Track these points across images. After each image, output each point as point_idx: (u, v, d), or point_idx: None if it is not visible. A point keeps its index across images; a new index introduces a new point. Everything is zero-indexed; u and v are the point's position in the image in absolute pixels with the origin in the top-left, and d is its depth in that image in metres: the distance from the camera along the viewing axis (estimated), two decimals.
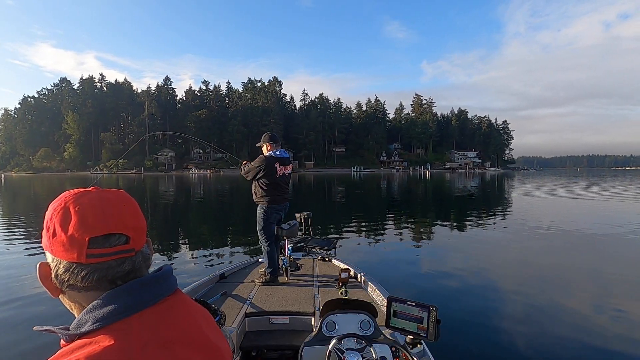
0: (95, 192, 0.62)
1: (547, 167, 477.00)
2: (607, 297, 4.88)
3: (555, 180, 46.98)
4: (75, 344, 0.54)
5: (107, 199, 0.61)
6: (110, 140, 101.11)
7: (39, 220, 12.42)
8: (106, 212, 0.59)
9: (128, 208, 0.63)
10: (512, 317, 4.26)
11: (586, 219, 11.95)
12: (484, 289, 5.33)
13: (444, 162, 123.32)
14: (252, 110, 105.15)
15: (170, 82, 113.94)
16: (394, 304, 1.94)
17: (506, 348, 3.52)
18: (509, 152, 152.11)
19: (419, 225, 11.22)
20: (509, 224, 11.32)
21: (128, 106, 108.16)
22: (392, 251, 7.87)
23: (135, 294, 0.59)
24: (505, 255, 7.56)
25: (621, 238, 8.91)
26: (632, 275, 5.88)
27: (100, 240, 0.58)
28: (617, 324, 4.06)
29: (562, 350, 3.46)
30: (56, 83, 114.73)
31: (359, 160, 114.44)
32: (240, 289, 3.43)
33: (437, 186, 34.52)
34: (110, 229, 0.59)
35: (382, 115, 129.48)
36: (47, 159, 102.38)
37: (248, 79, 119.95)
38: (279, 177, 3.82)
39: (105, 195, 0.62)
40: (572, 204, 17.25)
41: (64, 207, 0.59)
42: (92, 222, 0.58)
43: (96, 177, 60.88)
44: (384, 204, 19.07)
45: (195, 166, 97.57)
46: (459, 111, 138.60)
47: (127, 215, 0.62)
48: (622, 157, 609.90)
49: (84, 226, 0.57)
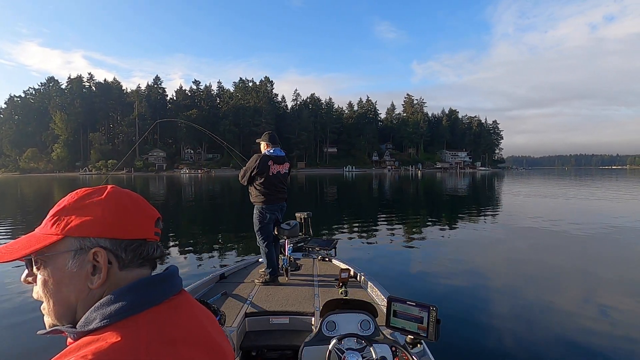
0: (122, 189, 0.68)
1: (536, 166, 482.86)
2: (607, 297, 4.90)
3: (545, 179, 47.63)
4: (82, 340, 0.55)
5: (129, 193, 0.68)
6: (100, 141, 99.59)
7: (26, 221, 12.21)
8: (141, 201, 0.68)
9: (145, 202, 0.69)
10: (513, 316, 4.28)
11: (579, 218, 12.12)
12: (484, 288, 5.35)
13: (435, 161, 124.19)
14: (244, 110, 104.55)
15: (161, 81, 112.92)
16: (394, 303, 1.94)
17: (506, 348, 3.53)
18: (499, 152, 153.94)
19: (418, 225, 11.24)
20: (506, 223, 11.40)
21: (117, 106, 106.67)
22: (392, 251, 7.90)
23: (142, 292, 0.60)
24: (505, 254, 7.58)
25: (619, 236, 9.09)
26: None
27: (157, 221, 0.68)
28: (617, 323, 4.10)
29: (562, 349, 3.49)
30: (43, 82, 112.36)
31: (351, 160, 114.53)
32: (240, 289, 3.42)
33: (429, 186, 34.74)
34: (155, 215, 0.68)
35: (373, 115, 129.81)
36: (35, 159, 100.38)
37: (239, 79, 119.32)
38: (273, 175, 3.79)
39: (121, 189, 0.68)
40: (564, 203, 17.50)
41: (124, 194, 0.66)
42: (145, 207, 0.67)
43: (85, 178, 59.98)
44: (380, 204, 19.14)
45: (187, 166, 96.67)
46: (450, 111, 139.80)
47: (148, 207, 0.68)
48: (608, 157, 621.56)
49: (146, 207, 0.67)
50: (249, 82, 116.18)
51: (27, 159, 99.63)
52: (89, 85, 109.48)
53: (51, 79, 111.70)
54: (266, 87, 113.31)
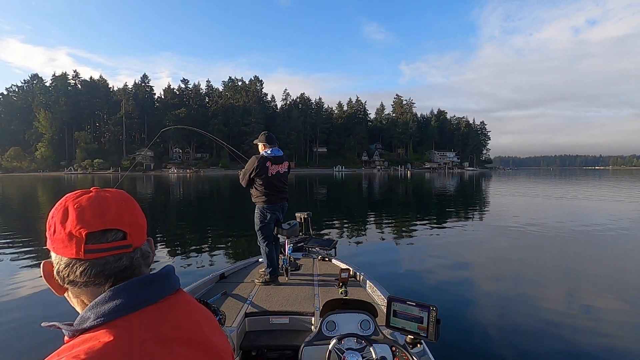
0: (94, 192, 0.65)
1: (522, 166, 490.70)
2: (607, 297, 4.97)
3: (533, 180, 48.17)
4: (76, 339, 0.56)
5: (105, 197, 0.64)
6: (85, 140, 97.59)
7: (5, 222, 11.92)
8: (103, 208, 0.62)
9: (125, 205, 0.65)
10: (513, 316, 4.30)
11: (576, 217, 12.35)
12: (484, 288, 5.37)
13: (424, 162, 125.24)
14: (233, 109, 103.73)
15: (148, 80, 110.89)
16: (394, 303, 1.94)
17: (507, 347, 3.55)
18: (486, 152, 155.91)
19: (417, 225, 11.24)
20: (506, 223, 11.43)
21: (104, 104, 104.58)
22: (391, 251, 7.93)
23: (136, 291, 0.60)
24: (505, 254, 7.62)
25: (616, 234, 9.33)
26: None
27: (98, 235, 0.60)
28: (614, 322, 4.16)
29: (562, 348, 3.53)
30: (26, 80, 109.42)
31: (340, 160, 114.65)
32: (240, 289, 3.42)
33: (420, 186, 34.96)
34: (107, 224, 0.61)
35: (363, 115, 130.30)
36: (18, 158, 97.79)
37: (229, 78, 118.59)
38: (272, 175, 3.79)
39: (103, 194, 0.65)
40: (557, 203, 17.80)
41: (64, 206, 0.61)
42: (89, 218, 0.60)
43: (70, 177, 58.78)
44: (374, 204, 19.22)
45: (175, 166, 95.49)
46: (439, 112, 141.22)
47: (124, 211, 0.64)
48: (592, 157, 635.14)
49: (81, 222, 0.59)
50: (238, 81, 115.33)
51: (10, 158, 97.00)
52: (74, 83, 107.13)
53: (35, 77, 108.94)
54: (256, 86, 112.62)
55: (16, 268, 6.39)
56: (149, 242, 0.69)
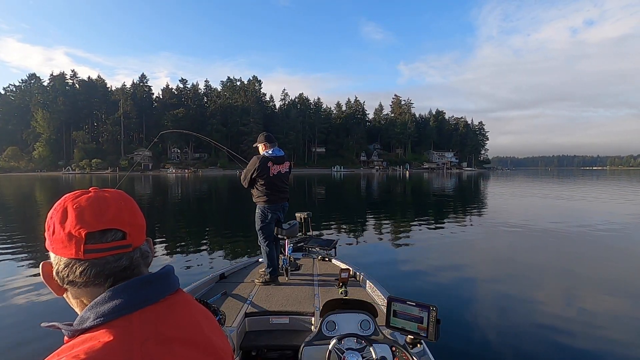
0: (93, 192, 0.65)
1: (521, 167, 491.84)
2: (605, 297, 4.96)
3: (530, 180, 48.37)
4: (76, 340, 0.56)
5: (104, 197, 0.64)
6: (83, 139, 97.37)
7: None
8: (102, 208, 0.62)
9: (125, 205, 0.65)
10: (513, 316, 4.30)
11: (570, 218, 12.41)
12: (485, 288, 5.37)
13: (422, 162, 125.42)
14: (232, 109, 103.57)
15: (147, 79, 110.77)
16: (394, 303, 1.95)
17: (507, 347, 3.55)
18: (484, 153, 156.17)
19: (416, 225, 11.23)
20: (505, 223, 11.42)
21: (102, 104, 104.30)
22: (391, 251, 7.93)
23: (136, 291, 0.60)
24: (506, 254, 7.61)
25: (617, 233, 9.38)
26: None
27: (97, 235, 0.60)
28: (616, 321, 4.17)
29: (561, 347, 3.54)
30: (24, 79, 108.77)
31: (339, 160, 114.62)
32: (240, 289, 3.42)
33: (419, 187, 34.95)
34: (106, 224, 0.61)
35: (361, 115, 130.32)
36: (15, 158, 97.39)
37: (227, 78, 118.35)
38: (274, 176, 3.79)
39: (102, 194, 0.65)
40: (555, 204, 17.84)
41: (63, 206, 0.61)
42: (89, 218, 0.60)
43: (68, 177, 58.62)
44: (374, 204, 19.20)
45: (173, 166, 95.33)
46: (437, 112, 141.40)
47: (123, 211, 0.64)
48: (589, 158, 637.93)
49: (80, 222, 0.59)
50: (236, 81, 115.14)
51: (7, 158, 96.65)
52: (72, 82, 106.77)
53: (32, 76, 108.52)
54: (254, 86, 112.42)
55: (15, 269, 6.37)
56: (148, 242, 0.69)
